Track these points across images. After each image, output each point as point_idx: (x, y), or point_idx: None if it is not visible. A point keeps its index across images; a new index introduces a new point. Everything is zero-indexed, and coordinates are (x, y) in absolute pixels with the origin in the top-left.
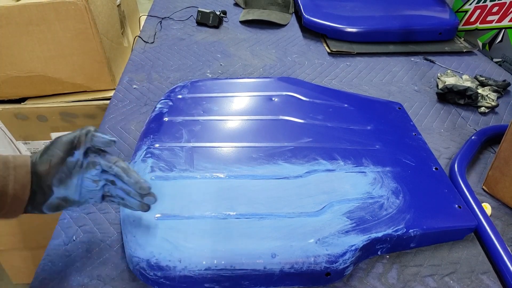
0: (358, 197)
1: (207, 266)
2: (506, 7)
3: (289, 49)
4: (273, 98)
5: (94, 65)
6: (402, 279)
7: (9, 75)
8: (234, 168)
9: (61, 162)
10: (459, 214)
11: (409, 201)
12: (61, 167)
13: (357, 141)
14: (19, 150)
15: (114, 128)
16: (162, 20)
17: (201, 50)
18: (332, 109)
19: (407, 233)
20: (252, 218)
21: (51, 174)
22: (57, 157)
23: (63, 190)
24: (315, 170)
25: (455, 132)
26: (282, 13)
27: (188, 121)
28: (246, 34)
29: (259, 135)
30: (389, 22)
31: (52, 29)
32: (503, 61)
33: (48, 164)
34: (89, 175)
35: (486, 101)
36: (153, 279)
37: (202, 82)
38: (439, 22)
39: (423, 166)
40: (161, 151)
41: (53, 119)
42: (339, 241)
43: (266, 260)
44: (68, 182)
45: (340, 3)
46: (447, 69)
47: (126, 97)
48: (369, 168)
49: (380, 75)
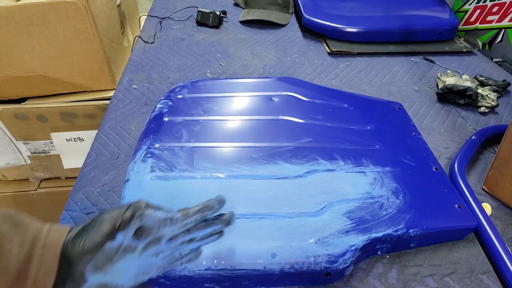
0: (358, 197)
1: (207, 266)
2: (506, 7)
3: (289, 49)
4: (273, 98)
5: (94, 65)
6: (402, 279)
7: (9, 75)
8: (234, 168)
9: (96, 248)
10: (459, 214)
11: (409, 201)
12: (97, 253)
13: (357, 141)
14: (19, 150)
15: (114, 128)
16: (162, 20)
17: (201, 50)
18: (332, 109)
19: (407, 233)
20: (252, 218)
21: (84, 261)
22: (91, 242)
23: (101, 277)
24: (315, 170)
25: (455, 132)
26: (282, 13)
27: (188, 121)
28: (246, 34)
29: (259, 135)
30: (389, 22)
31: (52, 29)
32: (503, 61)
33: (81, 249)
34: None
35: (486, 101)
36: (153, 279)
37: (202, 82)
38: (439, 22)
39: (423, 166)
40: (161, 151)
41: (53, 119)
42: (339, 241)
43: (266, 260)
44: (107, 268)
45: (340, 3)
46: (447, 69)
47: (126, 97)
48: (369, 168)
49: (380, 75)
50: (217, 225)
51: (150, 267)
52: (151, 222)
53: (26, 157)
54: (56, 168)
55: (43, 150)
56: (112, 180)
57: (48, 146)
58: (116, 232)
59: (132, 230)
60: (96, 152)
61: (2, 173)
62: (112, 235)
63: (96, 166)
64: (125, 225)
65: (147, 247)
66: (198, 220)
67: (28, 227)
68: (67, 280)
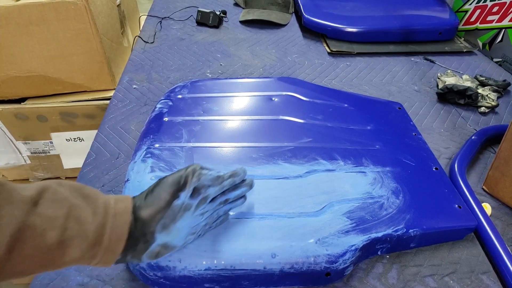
0: (358, 197)
1: (207, 266)
2: (506, 7)
3: (289, 49)
4: (273, 98)
5: (94, 65)
6: (402, 279)
7: (9, 75)
8: (234, 168)
9: (166, 206)
10: (459, 214)
11: (409, 201)
12: (167, 212)
13: (357, 141)
14: (19, 150)
15: (114, 128)
16: (162, 20)
17: (201, 50)
18: (332, 109)
19: (407, 233)
20: (252, 218)
21: (156, 220)
22: (163, 200)
23: (165, 236)
24: (315, 170)
25: (455, 132)
26: (282, 13)
27: (188, 121)
28: (246, 34)
29: (259, 135)
30: (389, 22)
31: (52, 29)
32: (503, 61)
33: (153, 209)
34: (198, 212)
35: (486, 101)
36: (153, 279)
37: (202, 82)
38: (439, 22)
39: (423, 166)
40: (161, 151)
41: (53, 119)
42: (339, 241)
43: (266, 260)
44: (171, 227)
45: (340, 3)
46: (447, 69)
47: (126, 97)
48: (369, 168)
49: (380, 75)
50: (243, 187)
51: (197, 226)
52: (206, 181)
53: (26, 157)
54: (56, 168)
55: (43, 150)
56: (112, 180)
57: (48, 146)
58: (179, 190)
59: (191, 188)
60: (96, 152)
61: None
62: (177, 193)
63: (96, 166)
64: (187, 184)
65: (198, 206)
66: (230, 184)
67: (97, 198)
68: (139, 241)
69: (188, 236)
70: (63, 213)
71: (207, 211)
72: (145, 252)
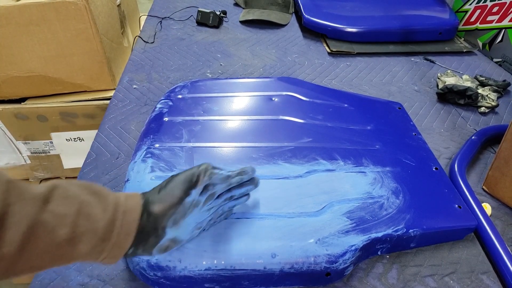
0: (358, 197)
1: (207, 266)
2: (506, 7)
3: (289, 49)
4: (273, 98)
5: (94, 65)
6: (402, 279)
7: (9, 75)
8: (234, 168)
9: (178, 202)
10: (459, 214)
11: (409, 201)
12: (178, 208)
13: (357, 141)
14: (19, 150)
15: (114, 128)
16: (162, 20)
17: (201, 50)
18: (332, 109)
19: (407, 233)
20: (252, 218)
21: (168, 215)
22: (176, 197)
23: (174, 231)
24: (315, 170)
25: (455, 132)
26: (282, 13)
27: (188, 121)
28: (246, 34)
29: (259, 135)
30: (389, 22)
31: (52, 29)
32: (503, 61)
33: (165, 204)
34: (205, 208)
35: (486, 101)
36: (153, 279)
37: (202, 82)
38: (439, 22)
39: (423, 166)
40: (161, 151)
41: (53, 119)
42: (339, 241)
43: (266, 260)
44: (181, 222)
45: (340, 3)
46: (447, 69)
47: (126, 97)
48: (369, 168)
49: (380, 75)
50: (249, 185)
51: (203, 221)
52: (216, 180)
53: (26, 157)
54: (56, 168)
55: (43, 150)
56: (112, 180)
57: (48, 146)
58: (191, 188)
59: (202, 186)
60: (96, 152)
61: None
62: (188, 191)
63: (96, 166)
64: (199, 182)
65: (206, 202)
66: (238, 182)
67: (107, 195)
68: (150, 235)
69: (194, 231)
70: (73, 210)
71: (213, 207)
72: (155, 246)
